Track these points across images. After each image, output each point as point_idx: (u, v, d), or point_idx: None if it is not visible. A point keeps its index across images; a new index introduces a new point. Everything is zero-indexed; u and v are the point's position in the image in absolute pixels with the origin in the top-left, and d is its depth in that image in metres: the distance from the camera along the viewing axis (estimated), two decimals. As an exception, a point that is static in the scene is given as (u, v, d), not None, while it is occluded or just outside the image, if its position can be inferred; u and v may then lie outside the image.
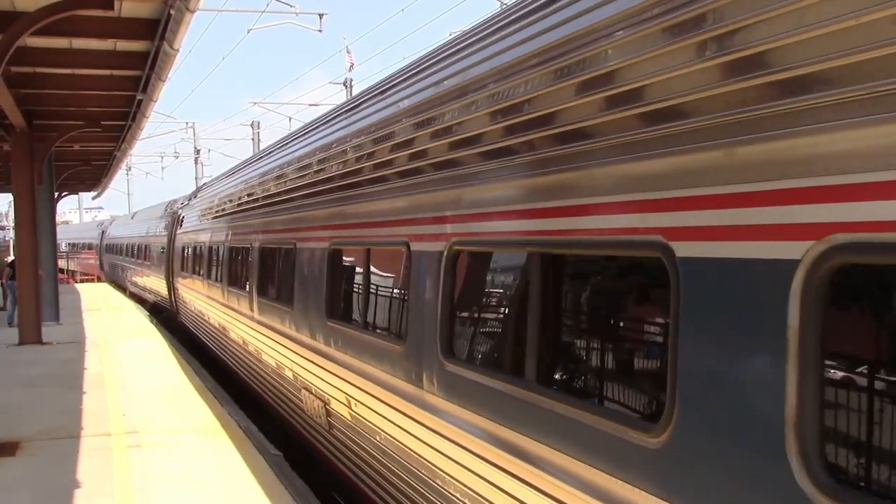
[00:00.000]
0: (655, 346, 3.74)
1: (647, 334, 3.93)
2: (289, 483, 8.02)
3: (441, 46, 6.29)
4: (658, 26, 3.38)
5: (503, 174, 4.71)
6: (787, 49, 2.78)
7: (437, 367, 5.46)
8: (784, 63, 2.79)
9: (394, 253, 6.61)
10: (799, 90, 2.74)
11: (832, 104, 2.63)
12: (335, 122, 8.64)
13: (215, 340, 15.96)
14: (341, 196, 7.89)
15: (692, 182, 3.20)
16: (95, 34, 12.67)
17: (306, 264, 8.82)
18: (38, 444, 9.59)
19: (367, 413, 6.91)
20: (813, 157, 2.69)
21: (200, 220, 18.36)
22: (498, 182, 4.78)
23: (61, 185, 32.31)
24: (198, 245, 18.05)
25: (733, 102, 3.00)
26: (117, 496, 7.67)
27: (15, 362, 15.66)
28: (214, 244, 15.57)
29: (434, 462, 5.53)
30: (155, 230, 28.90)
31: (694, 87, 3.19)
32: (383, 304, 7.15)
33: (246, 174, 13.56)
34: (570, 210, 4.02)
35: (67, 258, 63.84)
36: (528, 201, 4.45)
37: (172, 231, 23.47)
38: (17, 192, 19.35)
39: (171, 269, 23.36)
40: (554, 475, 4.07)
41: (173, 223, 23.63)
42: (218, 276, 14.91)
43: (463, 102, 5.24)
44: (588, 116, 3.88)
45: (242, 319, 12.45)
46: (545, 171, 4.24)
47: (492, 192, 4.87)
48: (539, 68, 4.29)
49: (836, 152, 2.61)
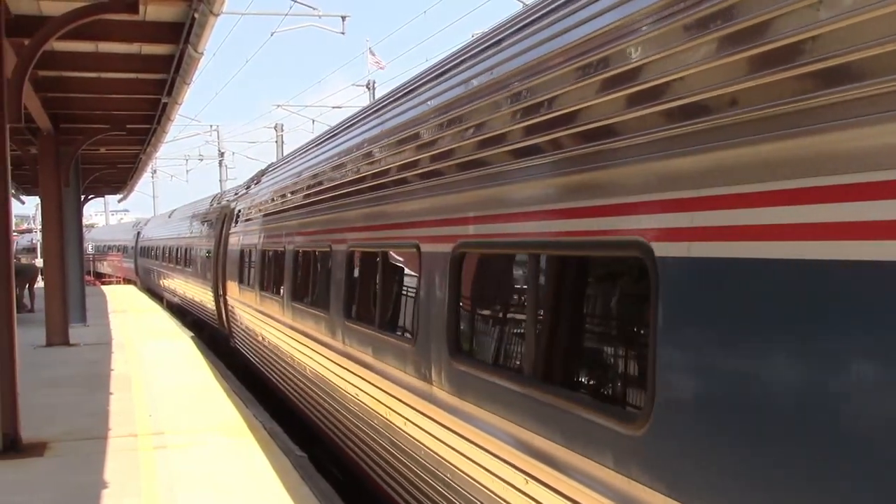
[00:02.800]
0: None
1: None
2: (313, 485, 8.03)
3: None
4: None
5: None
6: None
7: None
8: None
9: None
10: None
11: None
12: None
13: (297, 386, 11.13)
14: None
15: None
16: (121, 38, 12.76)
17: (428, 277, 6.08)
18: (66, 445, 9.67)
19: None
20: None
21: (270, 215, 13.45)
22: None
23: (87, 188, 32.56)
24: (267, 248, 13.28)
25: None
26: (144, 496, 7.72)
27: (42, 363, 15.80)
28: (301, 246, 10.85)
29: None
30: (198, 230, 24.38)
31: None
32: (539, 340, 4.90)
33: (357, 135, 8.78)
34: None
35: (94, 260, 62.40)
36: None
37: (221, 230, 19.11)
38: (44, 195, 19.54)
39: (220, 280, 18.60)
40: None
41: (222, 221, 19.21)
42: (311, 296, 10.25)
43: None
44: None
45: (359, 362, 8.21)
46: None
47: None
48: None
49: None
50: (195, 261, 24.14)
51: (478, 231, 5.33)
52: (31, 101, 14.78)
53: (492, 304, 5.73)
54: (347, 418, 8.41)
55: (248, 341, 15.41)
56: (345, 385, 8.42)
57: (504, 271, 5.42)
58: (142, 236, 43.98)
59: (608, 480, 3.74)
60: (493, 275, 5.66)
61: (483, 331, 5.67)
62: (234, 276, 16.51)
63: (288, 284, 11.38)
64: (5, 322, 9.38)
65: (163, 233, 34.90)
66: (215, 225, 20.42)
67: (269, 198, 13.84)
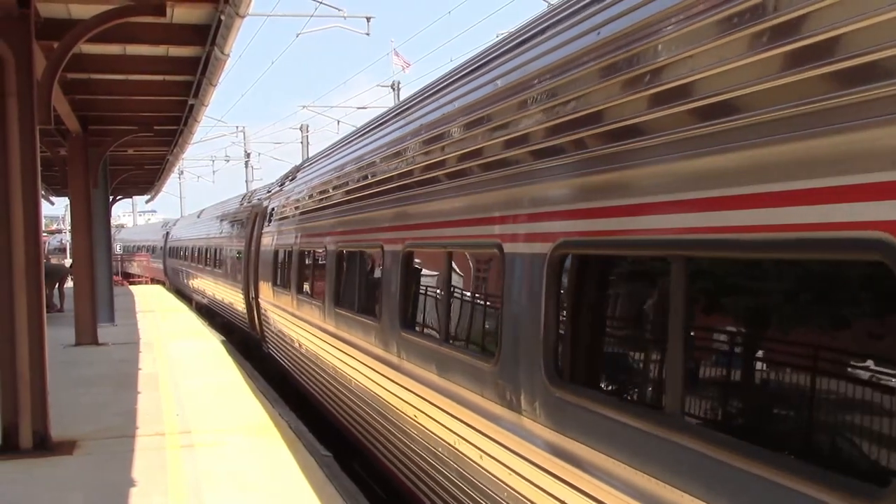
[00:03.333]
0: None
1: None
2: (339, 484, 8.07)
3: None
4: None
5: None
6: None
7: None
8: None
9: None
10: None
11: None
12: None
13: (340, 400, 10.08)
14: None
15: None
16: (148, 40, 12.89)
17: (514, 283, 5.17)
18: (95, 443, 9.77)
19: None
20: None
21: (308, 213, 12.42)
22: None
23: (116, 189, 32.86)
24: (305, 248, 12.27)
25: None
26: (171, 495, 7.79)
27: (72, 362, 15.98)
28: (346, 246, 9.79)
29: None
30: (228, 230, 23.64)
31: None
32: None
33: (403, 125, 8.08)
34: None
35: (123, 261, 62.53)
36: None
37: (252, 230, 18.43)
38: (74, 196, 19.77)
39: (252, 281, 17.84)
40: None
41: (254, 220, 18.54)
42: (359, 301, 9.25)
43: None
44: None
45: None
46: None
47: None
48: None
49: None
50: (225, 261, 23.39)
51: (594, 227, 4.21)
52: (60, 104, 14.95)
53: (612, 319, 4.47)
54: (404, 442, 7.37)
55: (283, 348, 14.37)
56: (400, 405, 7.37)
57: (634, 276, 4.30)
58: (170, 236, 43.20)
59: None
60: (616, 281, 4.48)
61: (598, 351, 4.49)
62: (268, 278, 15.53)
63: (330, 288, 10.24)
64: (35, 322, 9.49)
65: (191, 233, 34.21)
66: (246, 224, 19.73)
67: (308, 194, 12.68)
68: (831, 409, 2.96)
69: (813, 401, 3.04)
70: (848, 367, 2.93)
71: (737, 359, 3.47)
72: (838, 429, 2.94)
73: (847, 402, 2.87)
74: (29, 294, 9.46)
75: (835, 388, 2.96)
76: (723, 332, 3.59)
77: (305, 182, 13.28)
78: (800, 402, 3.11)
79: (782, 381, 3.23)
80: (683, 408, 3.49)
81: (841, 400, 2.91)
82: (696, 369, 3.58)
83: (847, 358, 2.93)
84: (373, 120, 10.05)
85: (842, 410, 2.91)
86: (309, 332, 11.58)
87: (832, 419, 2.96)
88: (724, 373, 3.58)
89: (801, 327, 3.15)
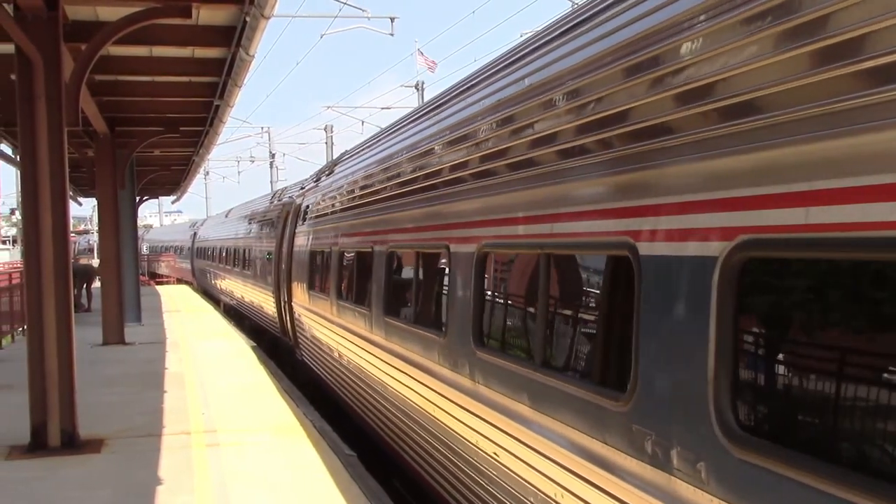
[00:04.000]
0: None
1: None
2: (363, 483, 8.08)
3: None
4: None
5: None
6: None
7: None
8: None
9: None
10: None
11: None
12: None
13: (391, 422, 8.91)
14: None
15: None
16: (174, 42, 12.98)
17: (662, 294, 3.93)
18: (122, 442, 9.85)
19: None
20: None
21: (351, 210, 11.08)
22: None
23: (142, 190, 33.14)
24: (347, 248, 11.04)
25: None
26: (197, 493, 7.84)
27: (99, 362, 16.12)
28: (399, 247, 8.66)
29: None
30: (257, 230, 22.66)
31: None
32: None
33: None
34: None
35: (150, 261, 62.58)
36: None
37: (283, 229, 17.43)
38: (101, 197, 19.96)
39: (283, 284, 16.84)
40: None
41: (285, 218, 17.55)
42: (416, 311, 8.17)
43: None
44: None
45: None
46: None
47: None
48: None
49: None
50: (254, 262, 22.49)
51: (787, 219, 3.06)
52: (87, 105, 15.09)
53: (816, 355, 3.15)
54: (480, 483, 6.07)
55: (319, 356, 13.31)
56: (475, 438, 6.13)
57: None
58: (198, 237, 42.00)
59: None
60: (813, 292, 3.16)
61: (792, 399, 3.20)
62: (302, 281, 14.44)
63: (379, 294, 9.07)
64: (64, 322, 9.59)
65: (219, 233, 33.16)
66: (276, 224, 18.79)
67: (349, 189, 11.32)
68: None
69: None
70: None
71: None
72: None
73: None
74: (57, 294, 9.56)
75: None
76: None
77: (346, 176, 11.89)
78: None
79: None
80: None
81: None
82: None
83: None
84: (432, 100, 8.55)
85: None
86: (351, 341, 10.53)
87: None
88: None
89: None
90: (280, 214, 18.51)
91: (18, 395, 10.43)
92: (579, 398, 4.52)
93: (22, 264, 12.87)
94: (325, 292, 12.30)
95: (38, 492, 8.02)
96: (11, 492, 8.03)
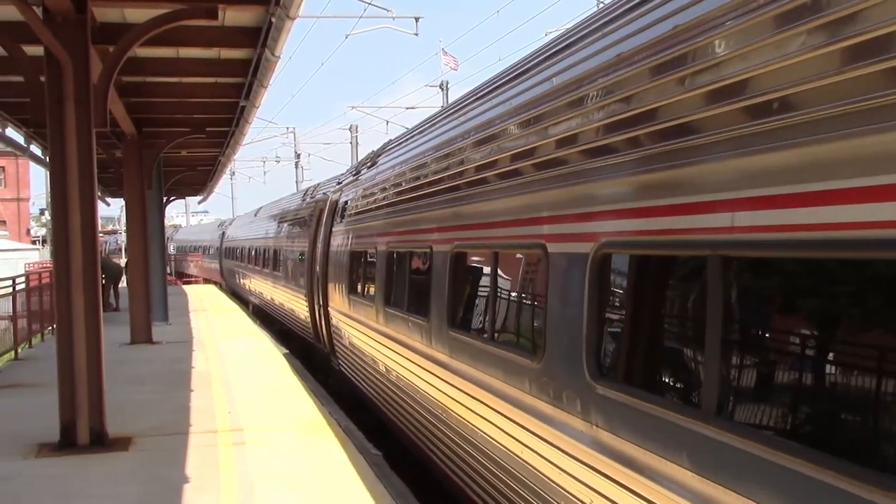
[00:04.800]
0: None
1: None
2: (388, 483, 8.10)
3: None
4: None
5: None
6: None
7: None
8: None
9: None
10: None
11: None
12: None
13: (460, 458, 7.34)
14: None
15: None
16: (200, 43, 13.07)
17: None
18: (149, 440, 9.94)
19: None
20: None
21: (399, 205, 9.79)
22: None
23: (169, 190, 33.35)
24: (397, 248, 9.79)
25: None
26: (223, 491, 7.89)
27: (127, 361, 16.27)
28: (467, 246, 7.30)
29: None
30: (288, 229, 21.74)
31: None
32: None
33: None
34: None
35: (177, 260, 62.45)
36: None
37: (317, 228, 16.47)
38: (129, 198, 20.16)
39: (318, 287, 15.60)
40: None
41: (318, 216, 16.58)
42: (494, 327, 6.60)
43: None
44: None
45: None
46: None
47: None
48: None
49: None
50: (284, 263, 21.37)
51: None
52: (115, 106, 15.23)
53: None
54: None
55: (361, 368, 12.02)
56: (593, 499, 4.62)
57: None
58: (226, 236, 40.95)
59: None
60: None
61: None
62: (341, 284, 13.18)
63: (440, 304, 7.74)
64: (92, 321, 9.69)
65: (248, 232, 32.05)
66: (309, 222, 17.86)
67: (398, 182, 9.91)
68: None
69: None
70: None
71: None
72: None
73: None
74: (86, 294, 9.65)
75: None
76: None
77: (395, 166, 10.40)
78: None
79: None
80: None
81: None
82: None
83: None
84: (533, 54, 6.59)
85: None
86: (402, 355, 9.21)
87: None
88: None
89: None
90: (313, 212, 17.59)
91: (48, 394, 10.55)
92: (750, 456, 3.35)
93: (51, 264, 13.00)
94: (368, 298, 11.15)
95: (68, 488, 8.12)
96: (43, 488, 8.14)
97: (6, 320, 18.03)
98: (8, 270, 32.25)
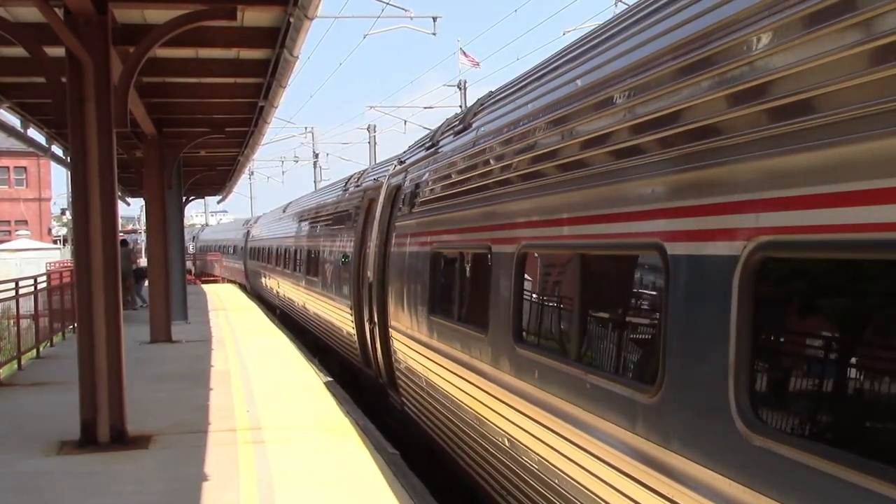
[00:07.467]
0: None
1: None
2: (406, 481, 8.12)
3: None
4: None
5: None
6: None
7: None
8: None
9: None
10: None
11: None
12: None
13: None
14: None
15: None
16: (220, 44, 13.13)
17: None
18: (169, 438, 10.01)
19: None
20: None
21: (530, 179, 5.96)
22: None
23: (189, 190, 33.56)
24: (517, 247, 6.16)
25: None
26: (243, 489, 7.94)
27: (147, 359, 16.37)
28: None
29: None
30: (325, 226, 18.26)
31: None
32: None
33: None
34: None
35: (197, 260, 61.98)
36: None
37: (365, 224, 13.46)
38: (149, 197, 20.29)
39: (368, 297, 12.33)
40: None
41: (367, 208, 13.52)
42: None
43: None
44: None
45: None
46: None
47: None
48: None
49: None
50: (321, 267, 17.89)
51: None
52: (136, 107, 15.33)
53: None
54: None
55: (444, 420, 8.40)
56: None
57: None
58: (251, 236, 36.23)
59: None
60: None
61: None
62: (412, 298, 9.46)
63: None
64: (113, 320, 9.76)
65: (275, 231, 27.77)
66: (355, 216, 14.56)
67: (527, 144, 6.12)
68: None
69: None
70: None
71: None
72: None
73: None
74: (106, 293, 9.73)
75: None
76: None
77: (515, 124, 6.57)
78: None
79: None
80: None
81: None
82: None
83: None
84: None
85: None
86: (534, 418, 5.69)
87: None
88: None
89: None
90: (360, 204, 14.22)
91: (69, 392, 10.64)
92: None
93: (72, 263, 13.09)
94: (468, 322, 7.47)
95: (89, 485, 8.19)
96: (65, 484, 8.22)
97: (28, 319, 18.21)
98: (30, 270, 32.56)
